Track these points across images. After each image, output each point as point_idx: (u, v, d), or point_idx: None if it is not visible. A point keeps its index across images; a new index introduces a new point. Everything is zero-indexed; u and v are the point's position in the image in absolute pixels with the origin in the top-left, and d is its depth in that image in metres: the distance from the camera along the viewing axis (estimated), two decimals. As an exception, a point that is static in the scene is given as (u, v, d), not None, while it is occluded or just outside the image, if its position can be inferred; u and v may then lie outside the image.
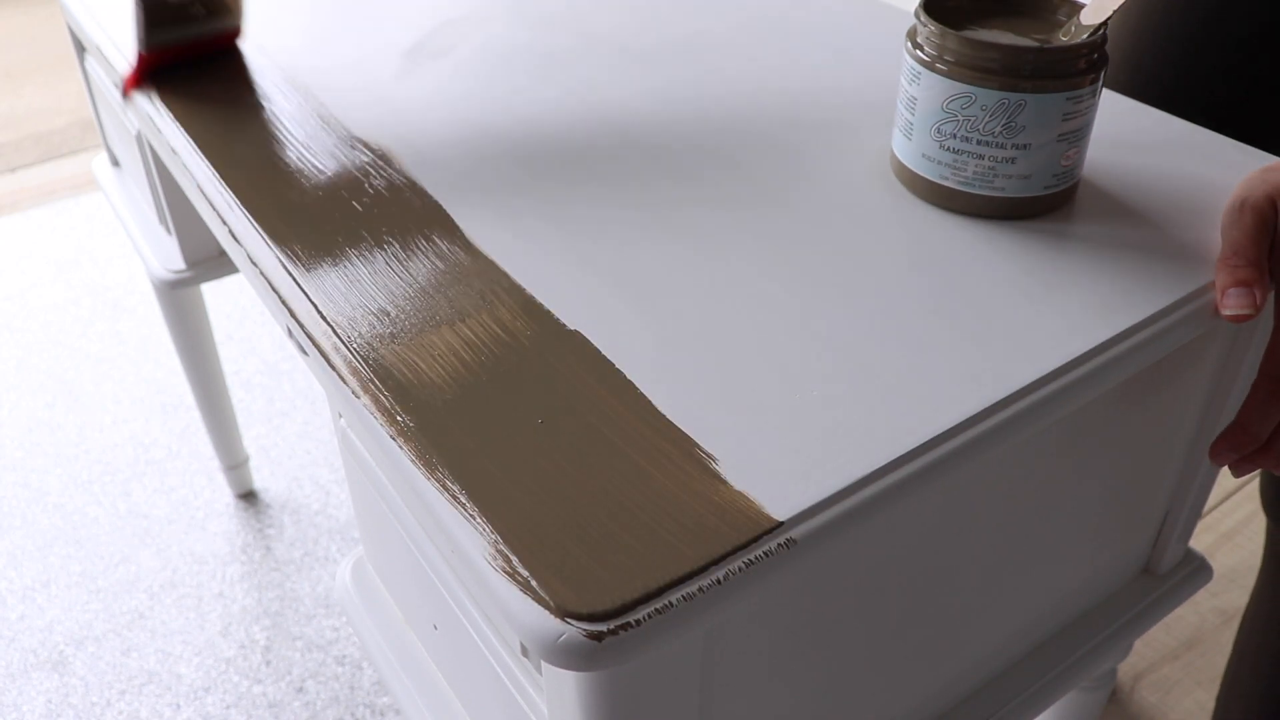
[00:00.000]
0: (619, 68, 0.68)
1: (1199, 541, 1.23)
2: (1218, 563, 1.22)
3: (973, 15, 0.53)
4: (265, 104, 0.65)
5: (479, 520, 0.37)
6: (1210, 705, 1.06)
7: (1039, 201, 0.52)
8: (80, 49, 0.92)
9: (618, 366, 0.44)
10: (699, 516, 0.37)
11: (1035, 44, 0.51)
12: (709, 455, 0.40)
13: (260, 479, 1.33)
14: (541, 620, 0.34)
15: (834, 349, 0.45)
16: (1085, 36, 0.50)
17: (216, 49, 0.71)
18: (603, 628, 0.34)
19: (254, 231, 0.53)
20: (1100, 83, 0.50)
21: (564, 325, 0.46)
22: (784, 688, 0.45)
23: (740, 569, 0.36)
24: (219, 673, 1.11)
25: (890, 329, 0.46)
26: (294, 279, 0.50)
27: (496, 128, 0.62)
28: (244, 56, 0.71)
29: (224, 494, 1.31)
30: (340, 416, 0.55)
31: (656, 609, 0.34)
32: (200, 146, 0.60)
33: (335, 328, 0.46)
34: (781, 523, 0.37)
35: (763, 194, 0.55)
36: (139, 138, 0.84)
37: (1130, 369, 0.46)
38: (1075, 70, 0.49)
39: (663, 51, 0.70)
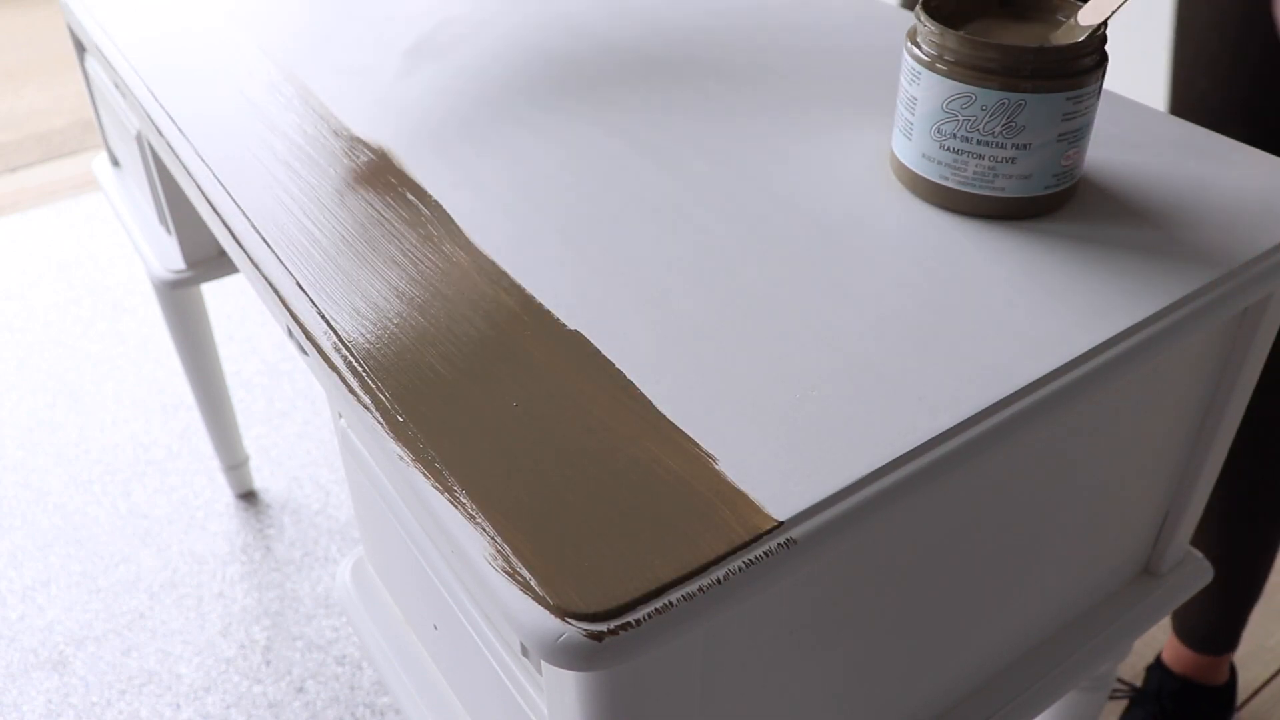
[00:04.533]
0: (619, 69, 0.68)
1: (1199, 541, 1.23)
2: (1218, 563, 1.22)
3: (973, 15, 0.53)
4: (265, 103, 0.65)
5: (479, 520, 0.37)
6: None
7: (1039, 201, 0.52)
8: (80, 49, 0.92)
9: (618, 366, 0.44)
10: (699, 516, 0.37)
11: (1035, 44, 0.51)
12: (709, 455, 0.40)
13: (260, 479, 1.33)
14: (542, 620, 0.34)
15: (834, 349, 0.45)
16: (1085, 36, 0.50)
17: None
18: (603, 628, 0.34)
19: (253, 231, 0.53)
20: (1101, 82, 0.50)
21: (564, 325, 0.46)
22: (784, 687, 0.45)
23: (740, 569, 0.36)
24: (219, 673, 1.10)
25: (890, 329, 0.46)
26: (294, 279, 0.50)
27: (496, 127, 0.62)
28: None
29: (224, 494, 1.31)
30: (340, 416, 0.55)
31: (657, 609, 0.34)
32: (199, 147, 0.60)
33: (335, 328, 0.46)
34: (781, 523, 0.37)
35: (763, 194, 0.55)
36: (139, 138, 0.84)
37: (1131, 368, 0.46)
38: (1075, 70, 0.49)
39: (663, 52, 0.70)
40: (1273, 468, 0.83)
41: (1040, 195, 0.52)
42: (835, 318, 0.46)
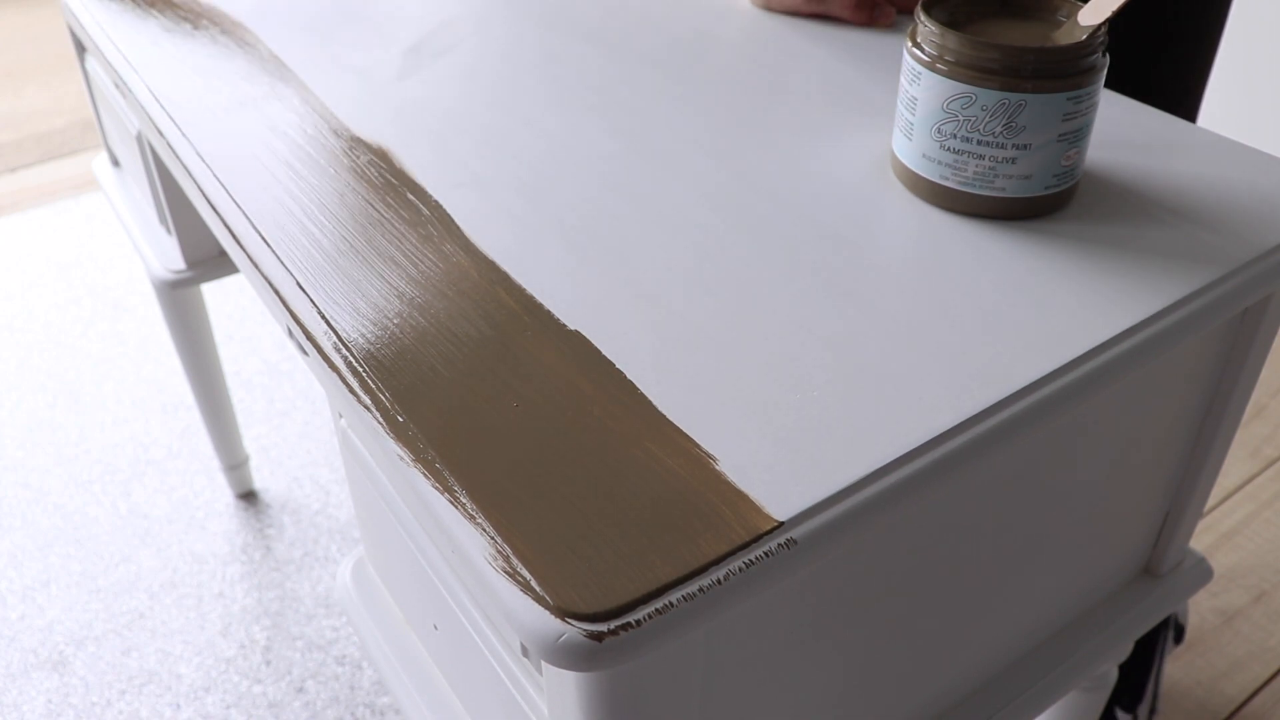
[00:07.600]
0: (621, 68, 0.68)
1: (1199, 541, 1.23)
2: (1218, 563, 1.22)
3: (973, 15, 0.53)
4: (265, 103, 0.65)
5: (479, 520, 0.37)
6: (1211, 705, 1.06)
7: (1039, 202, 0.52)
8: (80, 49, 0.92)
9: (618, 366, 0.44)
10: (700, 516, 0.37)
11: (1036, 44, 0.51)
12: (709, 455, 0.39)
13: (260, 479, 1.33)
14: (542, 620, 0.34)
15: (834, 349, 0.45)
16: (1086, 36, 0.50)
17: None
18: (603, 628, 0.34)
19: (253, 231, 0.53)
20: (1100, 82, 0.50)
21: (564, 325, 0.46)
22: (784, 688, 0.45)
23: (741, 569, 0.36)
24: (219, 673, 1.10)
25: (890, 329, 0.46)
26: (294, 279, 0.50)
27: (497, 127, 0.62)
28: None
29: (224, 494, 1.31)
30: (340, 416, 0.55)
31: (657, 609, 0.34)
32: (199, 147, 0.60)
33: (335, 328, 0.46)
34: (782, 523, 0.37)
35: (764, 194, 0.55)
36: (139, 138, 0.84)
37: (1131, 369, 0.46)
38: (1076, 70, 0.49)
39: (665, 52, 0.70)
40: None
41: (1040, 195, 0.52)
42: (835, 318, 0.46)
